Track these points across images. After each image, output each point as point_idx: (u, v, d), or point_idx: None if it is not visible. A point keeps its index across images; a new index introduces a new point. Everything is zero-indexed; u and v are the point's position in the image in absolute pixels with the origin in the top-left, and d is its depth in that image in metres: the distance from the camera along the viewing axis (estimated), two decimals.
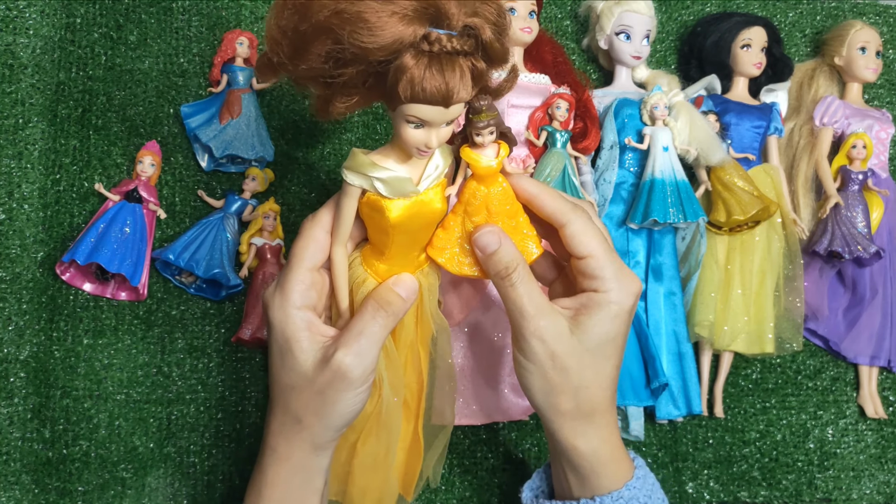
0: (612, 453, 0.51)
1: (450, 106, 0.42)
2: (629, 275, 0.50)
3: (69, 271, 0.65)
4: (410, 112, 0.42)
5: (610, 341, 0.49)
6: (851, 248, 0.74)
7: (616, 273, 0.49)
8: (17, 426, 0.63)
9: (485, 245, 0.49)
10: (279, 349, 0.48)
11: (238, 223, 0.67)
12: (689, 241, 0.73)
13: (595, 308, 0.49)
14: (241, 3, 0.72)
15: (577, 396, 0.49)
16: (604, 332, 0.49)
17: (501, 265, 0.49)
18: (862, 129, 0.78)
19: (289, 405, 0.49)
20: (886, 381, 0.78)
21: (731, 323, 0.72)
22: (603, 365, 0.49)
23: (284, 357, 0.48)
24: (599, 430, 0.51)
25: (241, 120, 0.67)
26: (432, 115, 0.42)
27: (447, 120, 0.44)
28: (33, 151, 0.67)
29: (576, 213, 0.49)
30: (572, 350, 0.48)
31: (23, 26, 0.68)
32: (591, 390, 0.49)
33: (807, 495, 0.74)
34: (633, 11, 0.73)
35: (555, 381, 0.49)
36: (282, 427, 0.50)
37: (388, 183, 0.45)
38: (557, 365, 0.49)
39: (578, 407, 0.50)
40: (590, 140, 0.71)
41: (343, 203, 0.47)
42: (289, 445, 0.50)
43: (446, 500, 0.68)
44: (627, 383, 0.68)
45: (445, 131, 0.45)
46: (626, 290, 0.49)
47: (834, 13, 0.85)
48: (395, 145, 0.46)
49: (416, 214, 0.47)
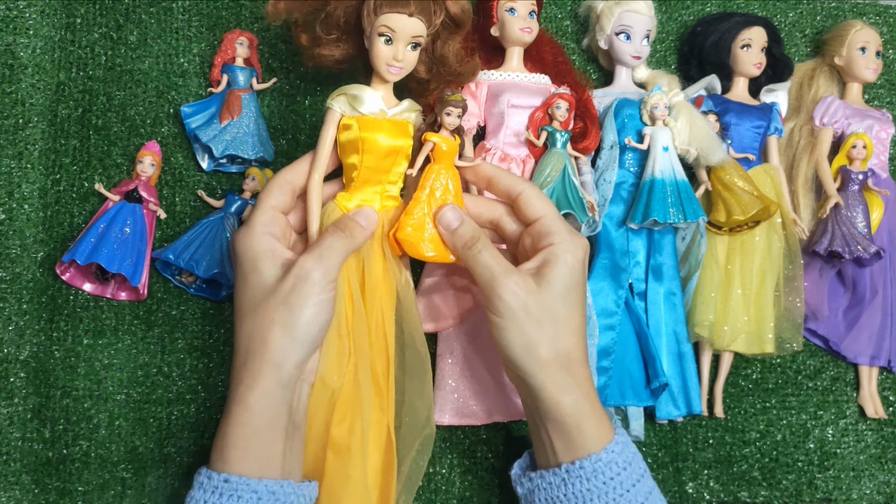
0: (592, 408, 0.54)
1: (411, 15, 0.54)
2: (576, 233, 0.56)
3: (69, 271, 0.65)
4: (381, 22, 0.54)
5: (573, 288, 0.55)
6: (851, 248, 0.74)
7: (566, 231, 0.56)
8: (17, 426, 0.63)
9: (448, 221, 0.56)
10: (243, 273, 0.53)
11: (238, 223, 0.67)
12: (689, 241, 0.73)
13: (554, 260, 0.55)
14: (241, 3, 0.72)
15: (554, 344, 0.53)
16: (566, 281, 0.54)
17: (466, 237, 0.55)
18: (862, 129, 0.78)
19: (253, 329, 0.51)
20: (886, 381, 0.78)
21: (731, 323, 0.72)
22: (570, 311, 0.54)
23: (248, 278, 0.52)
24: (579, 384, 0.54)
25: (241, 120, 0.67)
26: (398, 22, 0.54)
27: (410, 35, 0.55)
28: (33, 151, 0.67)
29: (527, 184, 0.57)
30: (543, 300, 0.54)
31: (23, 26, 0.68)
32: (566, 337, 0.54)
33: (807, 495, 0.74)
34: (633, 11, 0.73)
35: (531, 333, 0.53)
36: (246, 357, 0.51)
37: (361, 99, 0.55)
38: (532, 316, 0.53)
39: (557, 355, 0.54)
40: (590, 140, 0.71)
41: (323, 131, 0.56)
42: (253, 376, 0.51)
43: (446, 500, 0.68)
44: (627, 383, 0.68)
45: (411, 54, 0.56)
46: (577, 243, 0.55)
47: (834, 13, 0.85)
48: (372, 83, 0.57)
49: (383, 132, 0.55)
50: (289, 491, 0.51)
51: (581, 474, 0.53)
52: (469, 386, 0.67)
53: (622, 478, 0.53)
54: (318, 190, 0.56)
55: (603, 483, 0.52)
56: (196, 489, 0.51)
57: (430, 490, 0.68)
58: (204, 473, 0.51)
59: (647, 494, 0.54)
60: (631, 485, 0.53)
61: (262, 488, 0.50)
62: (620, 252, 0.71)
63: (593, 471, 0.53)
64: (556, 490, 0.54)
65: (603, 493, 0.52)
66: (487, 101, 0.71)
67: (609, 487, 0.52)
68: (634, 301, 0.71)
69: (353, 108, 0.56)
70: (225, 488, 0.50)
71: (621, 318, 0.70)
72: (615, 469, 0.53)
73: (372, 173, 0.57)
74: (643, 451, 0.72)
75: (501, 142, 0.70)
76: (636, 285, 0.71)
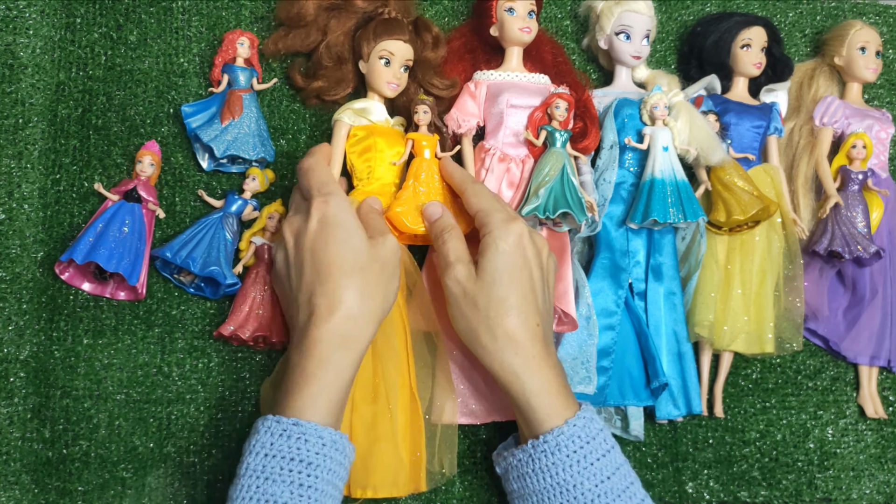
0: (549, 385, 0.57)
1: (406, 42, 0.66)
2: (512, 220, 0.60)
3: (68, 271, 0.65)
4: (381, 47, 0.65)
5: (505, 273, 0.58)
6: (851, 248, 0.74)
7: (499, 220, 0.60)
8: (17, 426, 0.63)
9: (430, 214, 0.64)
10: (342, 236, 0.57)
11: (238, 223, 0.67)
12: (689, 241, 0.73)
13: (486, 249, 0.59)
14: (241, 3, 0.72)
15: (490, 327, 0.58)
16: (499, 266, 0.58)
17: (441, 227, 0.62)
18: (862, 129, 0.78)
19: (354, 288, 0.56)
20: (886, 381, 0.78)
21: (731, 323, 0.72)
22: (503, 294, 0.58)
23: (349, 241, 0.57)
24: (527, 363, 0.57)
25: (242, 120, 0.67)
26: (395, 47, 0.65)
27: (404, 58, 0.66)
28: (33, 151, 0.67)
29: (470, 182, 0.64)
30: (479, 287, 0.59)
31: (23, 26, 0.68)
32: (501, 320, 0.57)
33: (807, 495, 0.74)
34: (632, 11, 0.73)
35: (470, 317, 0.59)
36: (331, 314, 0.55)
37: (369, 110, 0.66)
38: (469, 301, 0.59)
39: (495, 337, 0.58)
40: (589, 140, 0.71)
41: (334, 142, 0.66)
42: (341, 336, 0.55)
43: (446, 500, 0.68)
44: (627, 383, 0.68)
45: (404, 75, 0.67)
46: (509, 229, 0.59)
47: (834, 13, 0.85)
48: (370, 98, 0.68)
49: (390, 137, 0.66)
50: (345, 443, 0.55)
51: (545, 448, 0.55)
52: (469, 386, 0.67)
53: (586, 451, 0.55)
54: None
55: (567, 457, 0.55)
56: (263, 433, 0.53)
57: (430, 490, 0.68)
58: (272, 418, 0.53)
59: (615, 469, 0.56)
60: (596, 458, 0.55)
61: (327, 435, 0.53)
62: (620, 252, 0.71)
63: (556, 444, 0.55)
64: (524, 466, 0.56)
65: (567, 465, 0.54)
66: (487, 101, 0.71)
67: (573, 461, 0.54)
68: (634, 301, 0.71)
69: (362, 118, 0.66)
70: (293, 431, 0.52)
71: (621, 318, 0.70)
72: (578, 443, 0.55)
73: (382, 172, 0.66)
74: (643, 451, 0.72)
75: (501, 142, 0.70)
76: (636, 285, 0.71)
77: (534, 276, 0.60)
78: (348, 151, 0.66)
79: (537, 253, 0.61)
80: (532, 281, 0.59)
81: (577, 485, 0.54)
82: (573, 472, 0.54)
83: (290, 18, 0.69)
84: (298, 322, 0.57)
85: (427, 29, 0.70)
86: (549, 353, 0.59)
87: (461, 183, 0.64)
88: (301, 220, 0.59)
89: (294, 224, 0.60)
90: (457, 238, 0.62)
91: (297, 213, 0.61)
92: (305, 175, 0.61)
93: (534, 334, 0.58)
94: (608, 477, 0.55)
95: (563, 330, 0.68)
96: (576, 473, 0.54)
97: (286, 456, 0.52)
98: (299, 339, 0.56)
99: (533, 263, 0.60)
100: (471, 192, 0.63)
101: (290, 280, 0.59)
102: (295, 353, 0.56)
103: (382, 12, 0.67)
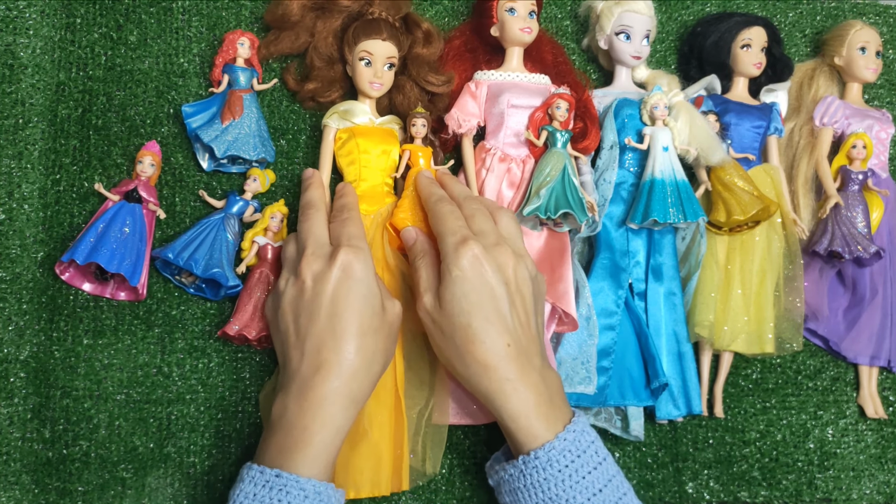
0: (521, 409, 0.56)
1: (384, 40, 0.66)
2: (465, 242, 0.58)
3: (68, 271, 0.65)
4: (361, 48, 0.66)
5: (462, 299, 0.57)
6: (851, 248, 0.74)
7: (453, 244, 0.58)
8: (17, 426, 0.63)
9: (406, 238, 0.64)
10: (367, 294, 0.57)
11: (239, 224, 0.67)
12: (689, 241, 0.73)
13: (443, 276, 0.58)
14: (242, 3, 0.72)
15: (460, 355, 0.57)
16: (453, 296, 0.57)
17: (413, 255, 0.62)
18: (862, 129, 0.78)
19: (363, 348, 0.55)
20: (886, 381, 0.78)
21: (731, 323, 0.72)
22: (466, 321, 0.57)
23: (368, 302, 0.57)
24: (501, 386, 0.56)
25: (242, 120, 0.67)
26: (374, 47, 0.66)
27: (385, 56, 0.66)
28: (33, 151, 0.67)
29: (436, 201, 0.62)
30: (442, 317, 0.58)
31: (23, 26, 0.68)
32: (467, 347, 0.57)
33: (807, 495, 0.74)
34: (632, 11, 0.73)
35: (442, 346, 0.59)
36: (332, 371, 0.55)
37: (352, 111, 0.67)
38: (438, 330, 0.58)
39: (466, 364, 0.57)
40: (590, 140, 0.71)
41: (322, 147, 0.68)
42: (336, 392, 0.54)
43: (446, 500, 0.68)
44: (627, 383, 0.68)
45: (387, 73, 0.67)
46: (458, 254, 0.57)
47: (834, 13, 0.85)
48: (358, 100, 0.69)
49: (374, 136, 0.67)
50: (331, 493, 0.54)
51: (536, 464, 0.55)
52: None
53: (577, 465, 0.54)
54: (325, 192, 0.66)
55: (558, 472, 0.54)
56: (247, 483, 0.53)
57: (430, 490, 0.68)
58: (256, 468, 0.53)
59: (607, 481, 0.55)
60: (587, 472, 0.54)
61: (310, 487, 0.52)
62: (620, 252, 0.71)
63: (547, 460, 0.54)
64: (516, 482, 0.56)
65: (559, 480, 0.54)
66: (487, 102, 0.71)
67: (564, 475, 0.54)
68: (634, 301, 0.71)
69: (346, 120, 0.67)
70: (276, 482, 0.52)
71: (621, 318, 0.70)
72: (569, 457, 0.54)
73: (370, 173, 0.67)
74: (643, 451, 0.72)
75: (501, 142, 0.70)
76: (636, 285, 0.71)
77: (496, 294, 0.57)
78: (337, 155, 0.67)
79: (498, 269, 0.58)
80: (495, 300, 0.57)
81: (569, 499, 0.54)
82: (565, 486, 0.54)
83: (276, 20, 0.69)
84: (299, 368, 0.56)
85: (417, 25, 0.69)
86: (526, 371, 0.57)
87: (425, 202, 0.64)
88: (323, 264, 0.57)
89: (315, 266, 0.58)
90: (427, 265, 0.61)
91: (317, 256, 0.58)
92: (339, 221, 0.61)
93: (505, 356, 0.56)
94: (600, 490, 0.54)
95: (564, 330, 0.68)
96: (567, 488, 0.54)
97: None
98: (301, 390, 0.55)
99: (494, 282, 0.57)
100: (431, 214, 0.62)
101: (298, 321, 0.57)
102: (293, 404, 0.55)
103: (367, 11, 0.68)
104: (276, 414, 0.56)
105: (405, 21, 0.69)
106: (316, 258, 0.58)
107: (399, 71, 0.69)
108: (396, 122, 0.69)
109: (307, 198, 0.64)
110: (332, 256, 0.57)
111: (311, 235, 0.60)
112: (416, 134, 0.67)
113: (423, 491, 0.68)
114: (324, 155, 0.67)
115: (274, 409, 0.56)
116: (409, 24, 0.69)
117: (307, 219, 0.62)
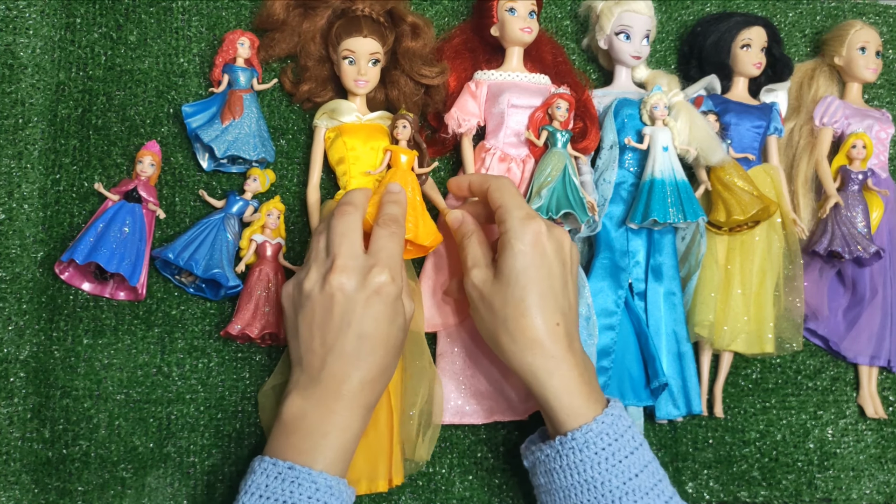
0: (574, 383, 0.56)
1: (365, 37, 0.66)
2: (531, 219, 0.59)
3: (68, 271, 0.65)
4: (343, 47, 0.66)
5: (521, 273, 0.57)
6: (851, 248, 0.74)
7: (519, 218, 0.59)
8: (17, 426, 0.63)
9: (453, 220, 0.65)
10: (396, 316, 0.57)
11: (239, 224, 0.67)
12: (689, 241, 0.73)
13: (503, 249, 0.59)
14: (241, 3, 0.72)
15: (508, 329, 0.57)
16: (512, 267, 0.58)
17: (461, 234, 0.63)
18: (862, 129, 0.78)
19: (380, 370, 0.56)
20: (886, 381, 0.78)
21: (730, 323, 0.72)
22: (520, 295, 0.57)
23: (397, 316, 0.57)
24: (546, 363, 0.56)
25: (243, 120, 0.67)
26: (355, 45, 0.66)
27: (368, 53, 0.66)
28: (33, 151, 0.67)
29: (495, 178, 0.63)
30: (495, 290, 0.58)
31: (23, 26, 0.68)
32: (518, 321, 0.57)
33: (807, 495, 0.74)
34: (632, 11, 0.73)
35: (489, 321, 0.59)
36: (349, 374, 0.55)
37: (339, 110, 0.67)
38: (486, 305, 0.59)
39: (514, 339, 0.57)
40: (589, 140, 0.71)
41: (313, 146, 0.68)
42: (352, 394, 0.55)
43: (446, 500, 0.68)
44: (627, 383, 0.68)
45: (372, 70, 0.67)
46: (525, 228, 0.58)
47: (834, 13, 0.85)
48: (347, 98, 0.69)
49: (361, 134, 0.67)
50: (342, 488, 0.54)
51: (573, 445, 0.55)
52: (469, 386, 0.67)
53: (614, 448, 0.55)
54: (317, 205, 0.68)
55: (595, 454, 0.54)
56: (259, 474, 0.53)
57: (430, 490, 0.68)
58: (269, 460, 0.54)
59: (643, 467, 0.55)
60: (624, 456, 0.55)
61: (321, 480, 0.53)
62: (620, 252, 0.71)
63: (584, 441, 0.55)
64: (552, 462, 0.56)
65: (595, 462, 0.54)
66: (487, 101, 0.71)
67: (601, 458, 0.54)
68: (634, 301, 0.71)
69: (334, 119, 0.67)
70: (288, 474, 0.52)
71: (621, 318, 0.70)
72: (606, 440, 0.55)
73: (359, 171, 0.66)
74: None
75: (501, 142, 0.70)
76: (636, 285, 0.71)
77: (553, 273, 0.58)
78: (327, 154, 0.68)
79: (557, 248, 0.59)
80: (551, 279, 0.58)
81: (605, 482, 0.54)
82: (601, 469, 0.54)
83: (262, 22, 0.70)
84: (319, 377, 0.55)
85: (402, 18, 0.69)
86: (571, 352, 0.57)
87: (482, 181, 0.64)
88: (357, 282, 0.56)
89: (349, 282, 0.55)
90: (475, 243, 0.62)
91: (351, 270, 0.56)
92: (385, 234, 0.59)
93: (554, 334, 0.57)
94: (636, 475, 0.54)
95: None
96: (603, 471, 0.54)
97: (279, 499, 0.52)
98: (321, 399, 0.55)
99: (553, 261, 0.58)
100: (494, 186, 0.62)
101: (324, 333, 0.56)
102: (313, 410, 0.55)
103: (351, 7, 0.67)
104: (290, 415, 0.55)
105: (390, 15, 0.69)
106: (350, 272, 0.56)
107: (392, 66, 0.69)
108: (386, 118, 0.69)
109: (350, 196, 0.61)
110: (368, 275, 0.56)
111: (346, 240, 0.57)
112: (398, 136, 0.66)
113: (423, 491, 0.68)
114: (314, 155, 0.68)
115: (287, 409, 0.55)
116: (394, 18, 0.69)
117: (343, 215, 0.59)
